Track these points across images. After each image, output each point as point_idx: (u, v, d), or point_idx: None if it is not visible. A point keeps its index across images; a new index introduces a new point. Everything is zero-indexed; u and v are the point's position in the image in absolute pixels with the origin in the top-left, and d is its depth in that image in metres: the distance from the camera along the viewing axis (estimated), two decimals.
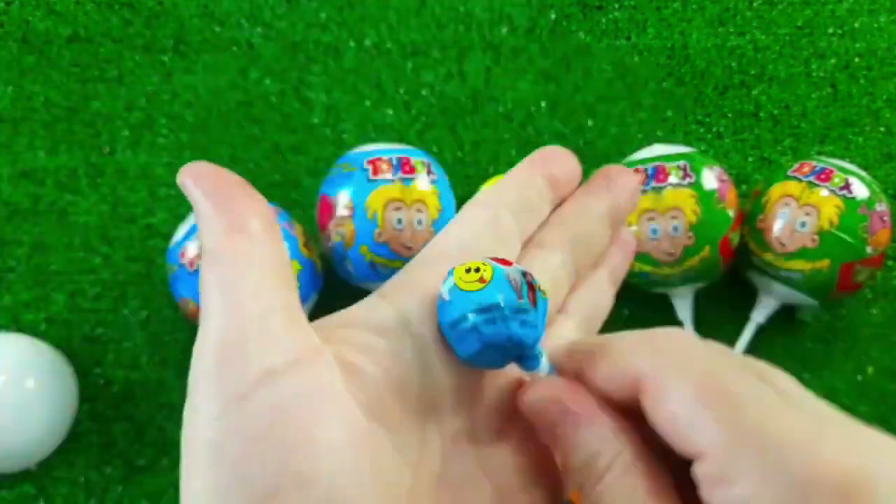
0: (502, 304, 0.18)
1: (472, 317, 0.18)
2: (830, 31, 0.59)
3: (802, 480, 0.15)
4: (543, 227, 0.24)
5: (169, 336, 0.50)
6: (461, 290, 0.18)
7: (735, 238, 0.46)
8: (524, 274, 0.19)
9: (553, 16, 0.59)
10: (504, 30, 0.58)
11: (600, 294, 0.25)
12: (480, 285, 0.18)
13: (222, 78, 0.56)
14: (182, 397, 0.51)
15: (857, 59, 0.58)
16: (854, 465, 0.15)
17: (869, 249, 0.44)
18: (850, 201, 0.44)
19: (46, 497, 0.46)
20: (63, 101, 0.55)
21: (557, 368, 0.20)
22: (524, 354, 0.19)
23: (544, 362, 0.20)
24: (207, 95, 0.55)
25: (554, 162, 0.24)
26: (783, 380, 0.18)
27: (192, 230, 0.44)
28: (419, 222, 0.45)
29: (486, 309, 0.18)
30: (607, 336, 0.20)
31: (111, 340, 0.49)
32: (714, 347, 0.19)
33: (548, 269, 0.23)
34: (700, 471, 0.16)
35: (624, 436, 0.18)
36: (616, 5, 0.59)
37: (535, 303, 0.18)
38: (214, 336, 0.18)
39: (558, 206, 0.24)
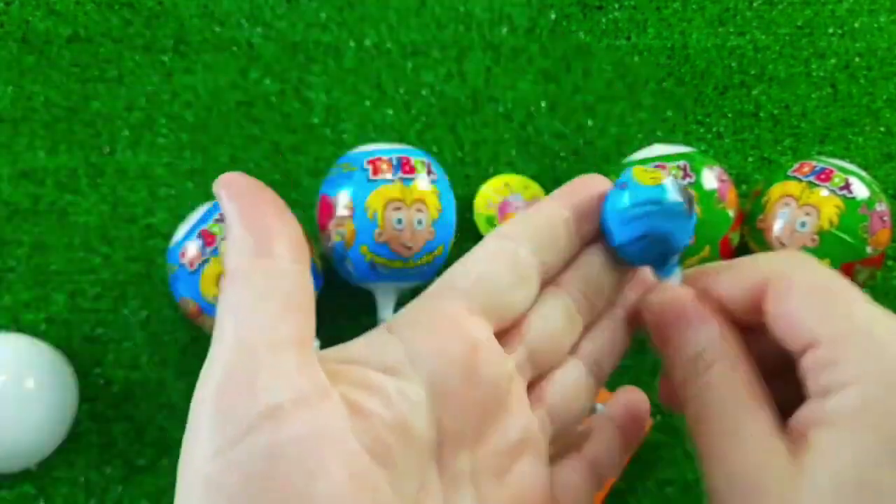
0: (672, 203, 0.20)
1: (644, 206, 0.20)
2: (830, 30, 0.59)
3: None
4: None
5: (169, 336, 0.50)
6: (639, 182, 0.20)
7: (735, 238, 0.46)
8: (687, 188, 0.21)
9: (553, 16, 0.59)
10: (504, 30, 0.58)
11: (614, 335, 0.24)
12: (657, 182, 0.20)
13: (222, 78, 0.56)
14: (182, 397, 0.51)
15: (857, 59, 0.58)
16: None
17: (869, 249, 0.44)
18: (850, 201, 0.44)
19: (46, 497, 0.46)
20: (63, 101, 0.55)
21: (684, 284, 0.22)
22: (669, 257, 0.22)
23: (678, 272, 0.22)
24: (207, 95, 0.55)
25: (584, 195, 0.23)
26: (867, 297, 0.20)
27: (193, 230, 0.44)
28: (419, 222, 0.45)
29: (657, 202, 0.20)
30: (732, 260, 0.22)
31: (111, 340, 0.49)
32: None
33: (558, 309, 0.22)
34: (812, 358, 0.18)
35: (731, 340, 0.20)
36: (616, 5, 0.59)
37: (691, 214, 0.21)
38: (222, 364, 0.17)
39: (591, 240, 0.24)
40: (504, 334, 0.22)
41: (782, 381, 0.20)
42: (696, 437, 0.20)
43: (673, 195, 0.20)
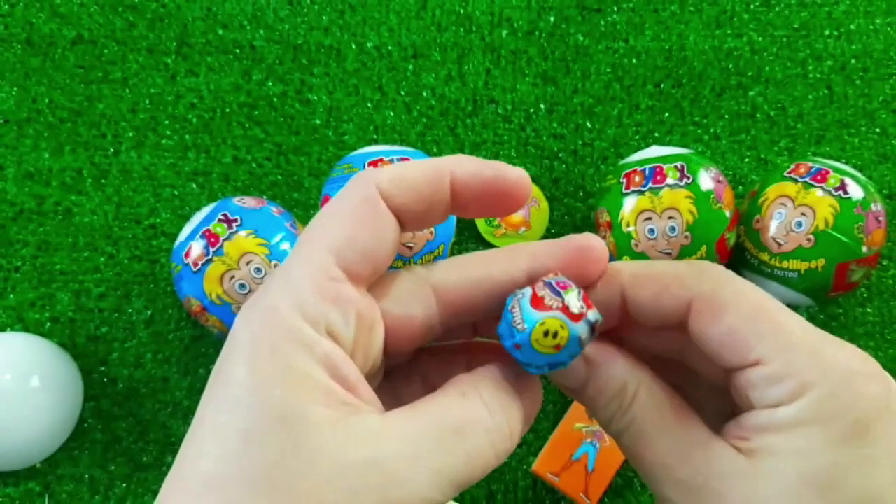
0: (568, 362, 0.20)
1: (540, 368, 0.20)
2: (827, 33, 0.59)
3: (845, 368, 0.18)
4: None
5: (173, 335, 0.50)
6: (536, 350, 0.20)
7: (731, 238, 0.47)
8: (592, 328, 0.20)
9: (552, 18, 0.59)
10: (504, 32, 0.59)
11: None
12: (555, 351, 0.20)
13: (225, 80, 0.56)
14: (186, 395, 0.51)
15: (853, 61, 0.58)
16: (877, 365, 0.19)
17: (864, 249, 0.45)
18: (846, 202, 0.45)
19: (51, 494, 0.47)
20: (67, 102, 0.55)
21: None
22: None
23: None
24: (211, 97, 0.56)
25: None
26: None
27: (197, 230, 0.44)
28: None
29: (554, 365, 0.20)
30: (652, 262, 0.22)
31: (115, 339, 0.50)
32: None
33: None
34: (756, 374, 0.19)
35: (642, 365, 0.21)
36: (614, 8, 0.60)
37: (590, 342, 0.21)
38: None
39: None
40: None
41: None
42: (638, 462, 0.21)
43: (573, 354, 0.20)
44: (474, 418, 0.18)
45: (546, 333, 0.20)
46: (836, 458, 0.18)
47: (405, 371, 0.23)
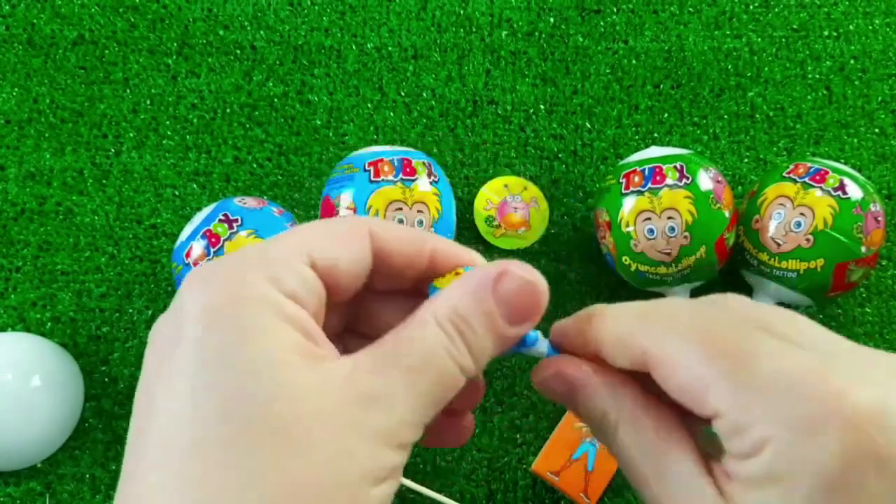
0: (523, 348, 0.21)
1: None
2: (825, 33, 0.59)
3: (812, 417, 0.16)
4: None
5: None
6: None
7: (731, 238, 0.47)
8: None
9: (552, 20, 0.59)
10: (504, 33, 0.59)
11: None
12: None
13: (226, 80, 0.56)
14: None
15: (851, 62, 0.59)
16: (864, 397, 0.16)
17: (863, 249, 0.45)
18: (845, 202, 0.45)
19: (52, 494, 0.47)
20: (69, 102, 0.55)
21: (559, 347, 0.23)
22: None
23: (540, 340, 0.22)
24: (211, 98, 0.56)
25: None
26: (782, 323, 0.19)
27: (198, 230, 0.44)
28: (420, 223, 0.46)
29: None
30: (607, 308, 0.22)
31: (116, 339, 0.50)
32: (713, 306, 0.20)
33: None
34: (718, 425, 0.18)
35: (623, 394, 0.21)
36: (614, 9, 0.60)
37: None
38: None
39: None
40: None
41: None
42: (631, 481, 0.21)
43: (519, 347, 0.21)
44: (433, 343, 0.19)
45: None
46: None
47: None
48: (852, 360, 0.18)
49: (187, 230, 0.45)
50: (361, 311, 0.23)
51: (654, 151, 0.48)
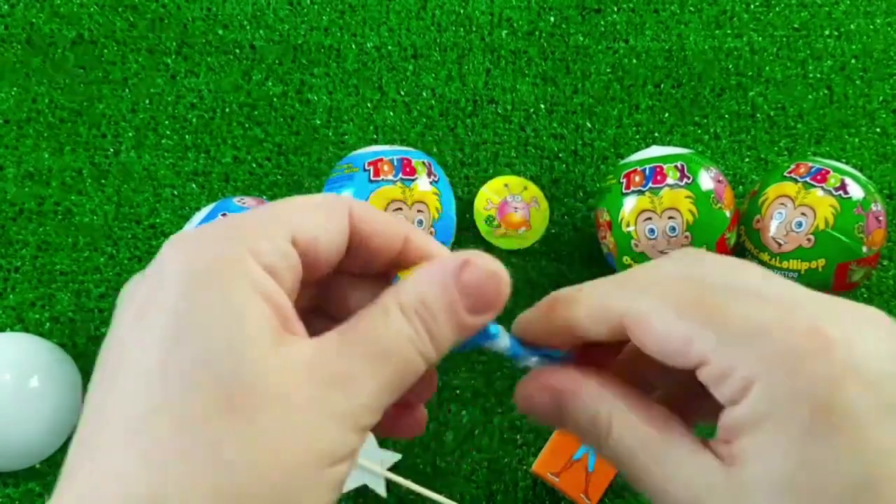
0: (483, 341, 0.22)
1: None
2: (827, 32, 0.59)
3: (791, 351, 0.17)
4: None
5: None
6: None
7: (732, 238, 0.47)
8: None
9: (552, 19, 0.59)
10: (504, 33, 0.59)
11: None
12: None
13: (225, 80, 0.56)
14: None
15: (853, 61, 0.58)
16: (833, 331, 0.17)
17: (864, 249, 0.45)
18: (846, 202, 0.45)
19: (51, 494, 0.47)
20: (68, 102, 0.55)
21: (522, 337, 0.23)
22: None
23: (498, 332, 0.22)
24: (211, 97, 0.56)
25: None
26: (751, 277, 0.20)
27: None
28: (420, 223, 0.45)
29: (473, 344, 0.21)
30: (591, 286, 0.22)
31: None
32: (681, 261, 0.21)
33: None
34: (704, 374, 0.18)
35: (609, 389, 0.21)
36: (614, 8, 0.60)
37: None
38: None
39: None
40: None
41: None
42: (630, 480, 0.21)
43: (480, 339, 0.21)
44: (397, 331, 0.19)
45: None
46: (805, 456, 0.17)
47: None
48: (816, 306, 0.19)
49: (187, 229, 0.45)
50: (330, 292, 0.23)
51: (655, 151, 0.48)
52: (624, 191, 0.46)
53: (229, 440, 0.16)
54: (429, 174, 0.47)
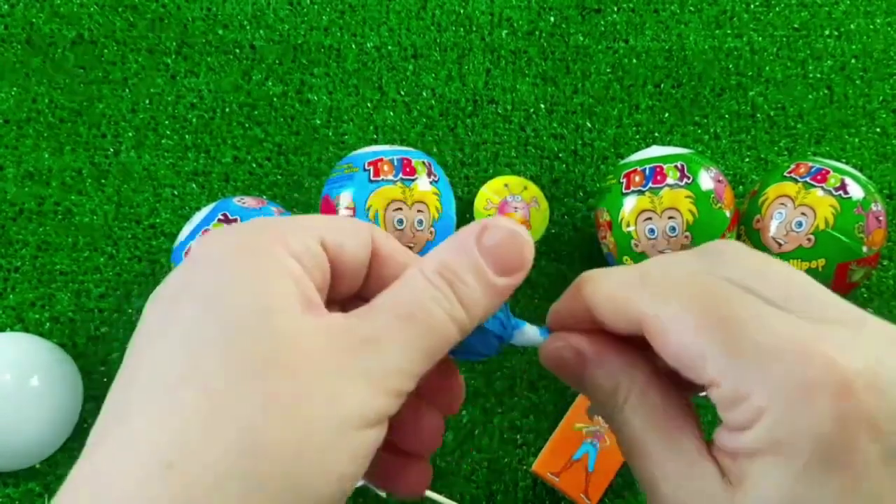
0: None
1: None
2: (827, 32, 0.59)
3: (806, 384, 0.17)
4: None
5: None
6: None
7: (732, 238, 0.47)
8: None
9: (552, 19, 0.59)
10: (504, 32, 0.59)
11: None
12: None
13: (225, 80, 0.56)
14: None
15: (853, 61, 0.58)
16: (854, 362, 0.17)
17: (864, 249, 0.45)
18: (846, 202, 0.45)
19: (51, 494, 0.47)
20: (67, 102, 0.55)
21: (553, 328, 0.23)
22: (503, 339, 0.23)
23: (531, 329, 0.23)
24: (211, 97, 0.56)
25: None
26: (777, 283, 0.19)
27: (197, 230, 0.44)
28: (419, 223, 0.45)
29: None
30: (612, 275, 0.21)
31: (115, 339, 0.50)
32: (704, 258, 0.20)
33: None
34: (714, 395, 0.18)
35: (634, 367, 0.21)
36: (614, 8, 0.60)
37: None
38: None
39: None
40: None
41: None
42: (631, 466, 0.21)
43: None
44: (421, 291, 0.19)
45: None
46: (803, 493, 0.17)
47: None
48: (843, 325, 0.18)
49: (186, 230, 0.45)
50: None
51: (655, 151, 0.48)
52: (624, 191, 0.46)
53: (255, 402, 0.17)
54: (429, 174, 0.47)
